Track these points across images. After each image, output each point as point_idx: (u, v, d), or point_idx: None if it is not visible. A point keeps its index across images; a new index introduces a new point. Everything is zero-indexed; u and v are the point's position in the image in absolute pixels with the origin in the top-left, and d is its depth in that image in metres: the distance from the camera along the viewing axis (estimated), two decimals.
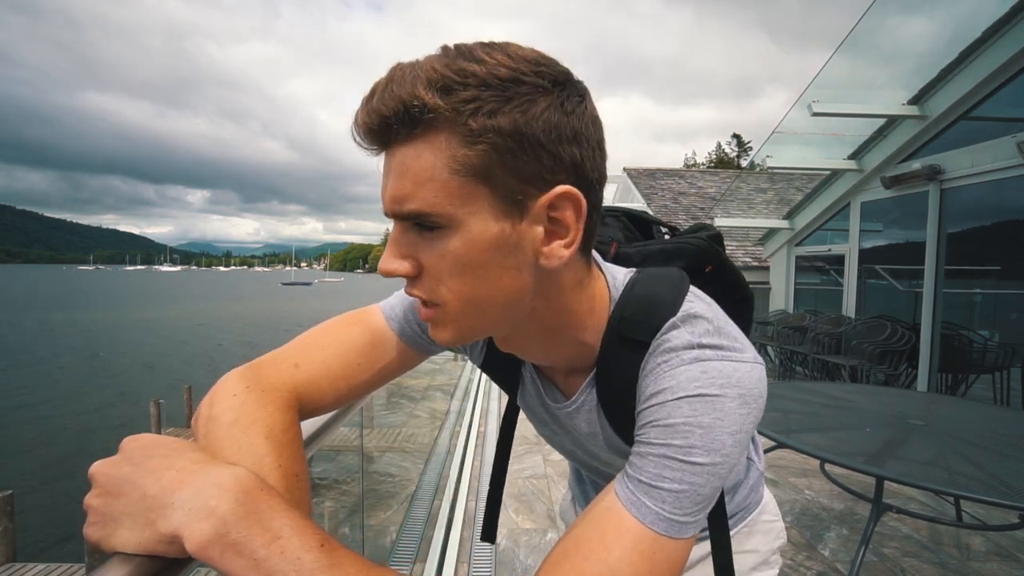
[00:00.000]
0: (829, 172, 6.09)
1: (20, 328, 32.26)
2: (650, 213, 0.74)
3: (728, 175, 14.75)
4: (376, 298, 0.63)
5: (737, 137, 65.33)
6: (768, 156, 6.21)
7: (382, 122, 0.39)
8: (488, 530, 0.78)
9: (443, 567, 2.22)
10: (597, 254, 0.53)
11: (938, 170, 4.54)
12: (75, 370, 19.44)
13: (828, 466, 2.67)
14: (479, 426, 4.24)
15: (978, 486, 1.53)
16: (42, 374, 18.66)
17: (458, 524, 2.58)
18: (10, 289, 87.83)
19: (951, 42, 4.34)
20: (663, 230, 0.72)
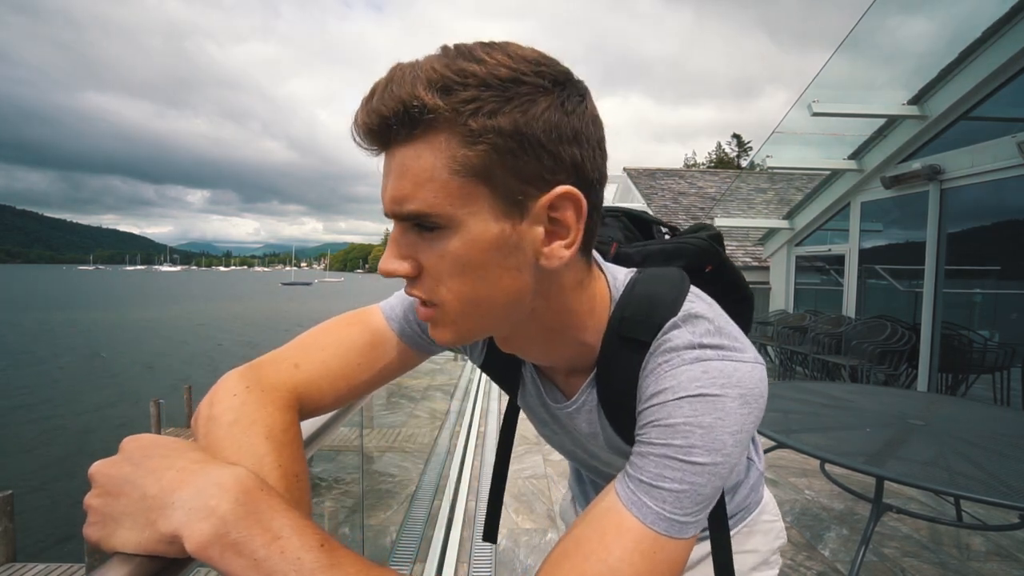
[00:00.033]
0: (829, 172, 6.09)
1: (20, 328, 32.26)
2: (650, 213, 0.74)
3: (728, 175, 14.74)
4: (376, 298, 0.63)
5: (737, 137, 65.28)
6: (768, 156, 6.21)
7: (382, 122, 0.39)
8: (489, 530, 0.78)
9: (443, 567, 2.21)
10: (597, 254, 0.53)
11: (938, 170, 4.54)
12: (75, 370, 19.44)
13: (828, 466, 2.66)
14: (479, 426, 4.24)
15: (978, 486, 1.53)
16: (42, 374, 18.65)
17: (458, 524, 2.58)
18: (10, 289, 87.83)
19: (951, 42, 4.34)
20: (663, 230, 0.72)
